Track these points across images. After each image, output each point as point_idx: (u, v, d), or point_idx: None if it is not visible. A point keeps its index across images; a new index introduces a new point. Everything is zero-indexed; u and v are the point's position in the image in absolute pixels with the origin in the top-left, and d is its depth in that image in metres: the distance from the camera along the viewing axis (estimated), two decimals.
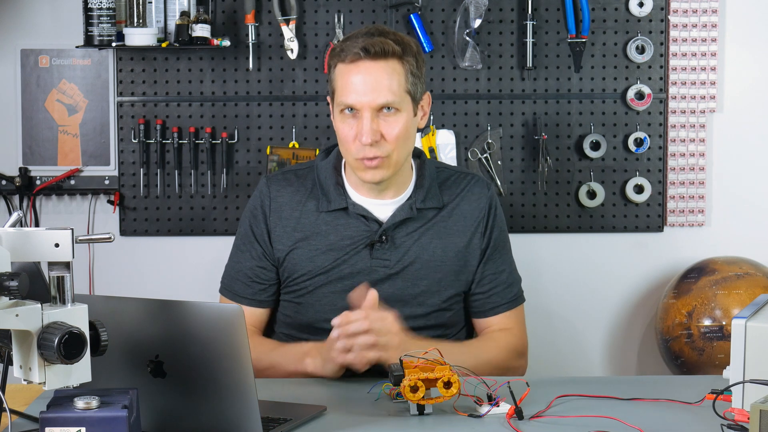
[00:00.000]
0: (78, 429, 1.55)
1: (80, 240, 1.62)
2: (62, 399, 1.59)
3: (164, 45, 3.15)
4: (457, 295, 2.44)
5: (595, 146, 3.26)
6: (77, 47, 3.19)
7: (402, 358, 1.97)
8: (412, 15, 3.20)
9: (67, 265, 1.59)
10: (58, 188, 3.26)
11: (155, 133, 3.24)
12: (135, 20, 3.15)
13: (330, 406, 1.96)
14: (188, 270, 3.30)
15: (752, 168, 3.34)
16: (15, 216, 1.64)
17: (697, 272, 3.13)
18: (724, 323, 3.03)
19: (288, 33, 3.19)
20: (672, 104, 3.28)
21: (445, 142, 3.23)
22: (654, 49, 3.25)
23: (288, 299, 2.44)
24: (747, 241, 3.32)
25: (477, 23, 3.19)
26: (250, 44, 3.21)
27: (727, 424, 1.77)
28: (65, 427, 1.55)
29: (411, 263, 2.38)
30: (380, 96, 2.26)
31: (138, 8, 3.15)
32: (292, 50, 3.19)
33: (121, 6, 3.16)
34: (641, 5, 3.24)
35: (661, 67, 3.27)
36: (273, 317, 2.49)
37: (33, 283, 1.58)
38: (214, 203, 3.26)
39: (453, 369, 1.90)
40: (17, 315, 1.53)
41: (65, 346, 1.52)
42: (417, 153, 2.46)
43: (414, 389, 1.88)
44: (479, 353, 2.33)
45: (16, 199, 3.27)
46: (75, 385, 1.58)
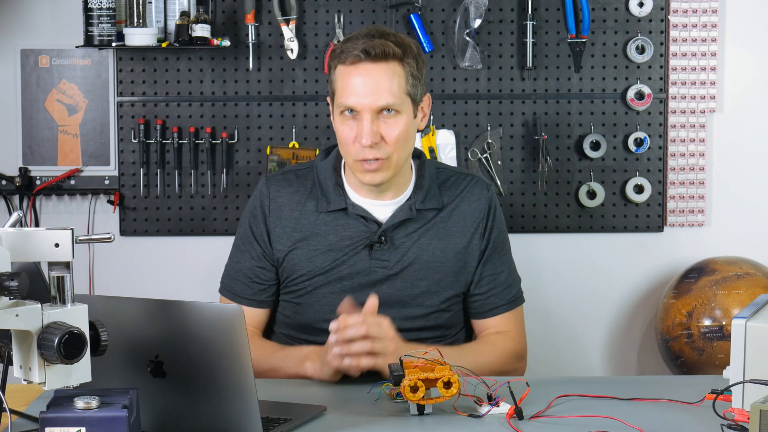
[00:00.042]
0: (78, 429, 1.55)
1: (80, 240, 1.62)
2: (62, 399, 1.59)
3: (164, 45, 3.15)
4: (456, 296, 2.44)
5: (595, 146, 3.26)
6: (77, 47, 3.19)
7: (402, 358, 1.97)
8: (412, 15, 3.20)
9: (67, 265, 1.59)
10: (58, 188, 3.26)
11: (155, 133, 3.24)
12: (135, 20, 3.15)
13: (330, 406, 1.96)
14: (188, 270, 3.30)
15: (752, 168, 3.34)
16: (15, 216, 1.64)
17: (697, 272, 3.13)
18: (724, 323, 3.03)
19: (288, 33, 3.19)
20: (672, 104, 3.28)
21: (445, 142, 3.23)
22: (654, 49, 3.25)
23: (287, 299, 2.44)
24: (747, 241, 3.32)
25: (477, 23, 3.19)
26: (250, 44, 3.21)
27: (727, 424, 1.77)
28: (65, 427, 1.55)
29: (410, 264, 2.38)
30: (381, 98, 2.26)
31: (138, 8, 3.15)
32: (292, 50, 3.19)
33: (121, 6, 3.16)
34: (641, 5, 3.24)
35: (661, 67, 3.27)
36: (273, 317, 2.50)
37: (33, 283, 1.59)
38: (214, 203, 3.26)
39: (453, 369, 1.90)
40: (17, 315, 1.53)
41: (65, 346, 1.52)
42: (417, 153, 2.46)
43: (414, 389, 1.88)
44: (477, 357, 2.31)
45: (16, 199, 3.27)
46: (75, 385, 1.58)
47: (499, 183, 3.25)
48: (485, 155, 3.25)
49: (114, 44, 3.13)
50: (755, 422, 1.54)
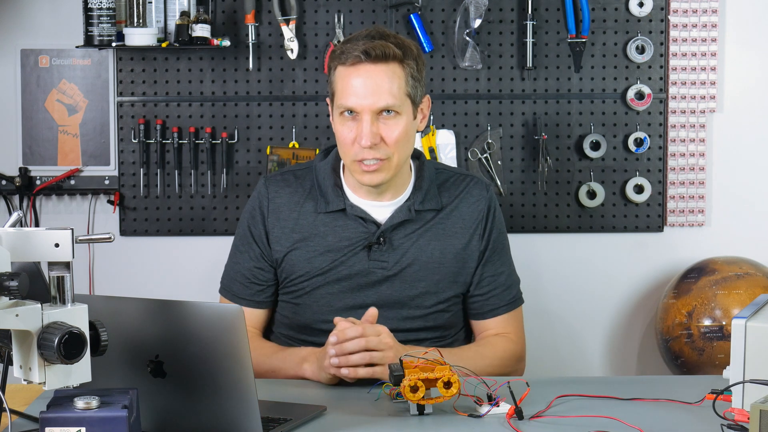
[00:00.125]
0: (78, 429, 1.55)
1: (80, 240, 1.62)
2: (62, 399, 1.59)
3: (164, 45, 3.15)
4: (456, 297, 2.43)
5: (595, 146, 3.26)
6: (77, 47, 3.19)
7: (402, 358, 1.97)
8: (412, 15, 3.20)
9: (67, 265, 1.59)
10: (58, 188, 3.26)
11: (155, 133, 3.24)
12: (135, 20, 3.15)
13: (330, 406, 1.96)
14: (188, 270, 3.30)
15: (752, 168, 3.34)
16: (15, 216, 1.64)
17: (697, 272, 3.13)
18: (724, 323, 3.03)
19: (288, 33, 3.19)
20: (672, 104, 3.28)
21: (445, 142, 3.23)
22: (654, 49, 3.25)
23: (286, 300, 2.44)
24: (747, 241, 3.32)
25: (477, 23, 3.19)
26: (250, 44, 3.21)
27: (727, 424, 1.77)
28: (65, 427, 1.55)
29: (409, 265, 2.38)
30: (380, 99, 2.26)
31: (138, 8, 3.15)
32: (292, 50, 3.19)
33: (121, 6, 3.16)
34: (641, 5, 3.24)
35: (661, 67, 3.27)
36: (272, 318, 2.50)
37: (33, 283, 1.59)
38: (214, 203, 3.26)
39: (453, 369, 1.90)
40: (17, 315, 1.53)
41: (65, 346, 1.52)
42: (416, 154, 2.46)
43: (414, 389, 1.88)
44: (477, 359, 2.30)
45: (16, 199, 3.27)
46: (75, 385, 1.58)
47: (499, 183, 3.25)
48: (485, 155, 3.25)
49: (114, 44, 3.13)
50: (755, 422, 1.54)
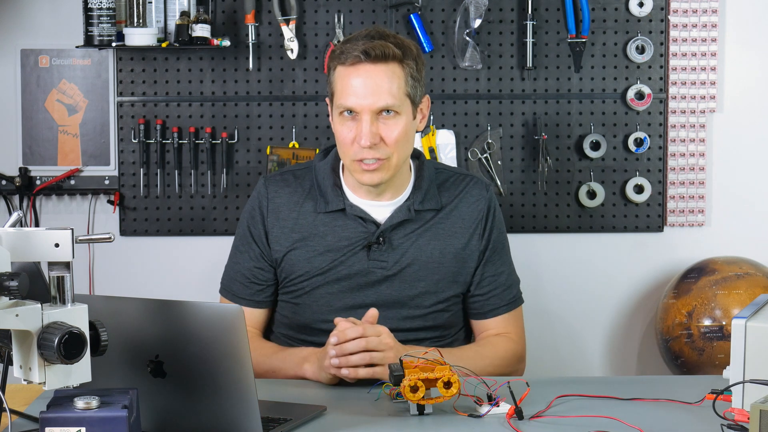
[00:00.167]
0: (78, 429, 1.55)
1: (80, 240, 1.62)
2: (62, 399, 1.59)
3: (164, 45, 3.15)
4: (455, 297, 2.43)
5: (595, 146, 3.26)
6: (77, 47, 3.19)
7: (402, 358, 1.97)
8: (412, 15, 3.20)
9: (67, 265, 1.59)
10: (58, 188, 3.26)
11: (155, 133, 3.24)
12: (135, 20, 3.15)
13: (330, 406, 1.96)
14: (188, 270, 3.30)
15: (752, 168, 3.34)
16: (15, 216, 1.64)
17: (697, 272, 3.13)
18: (724, 323, 3.03)
19: (288, 33, 3.19)
20: (672, 104, 3.28)
21: (445, 142, 3.23)
22: (654, 49, 3.25)
23: (286, 300, 2.44)
24: (747, 241, 3.32)
25: (477, 23, 3.19)
26: (250, 44, 3.21)
27: (727, 424, 1.77)
28: (65, 427, 1.55)
29: (408, 265, 2.38)
30: (380, 99, 2.26)
31: (138, 8, 3.15)
32: (292, 50, 3.19)
33: (121, 6, 3.16)
34: (641, 5, 3.24)
35: (661, 67, 3.27)
36: (272, 318, 2.50)
37: (33, 283, 1.59)
38: (214, 203, 3.26)
39: (453, 369, 1.90)
40: (17, 315, 1.53)
41: (65, 346, 1.52)
42: (416, 154, 2.46)
43: (414, 389, 1.88)
44: (477, 359, 2.30)
45: (16, 199, 3.27)
46: (75, 385, 1.58)
47: (499, 183, 3.25)
48: (485, 155, 3.25)
49: (114, 44, 3.13)
50: (755, 422, 1.54)
